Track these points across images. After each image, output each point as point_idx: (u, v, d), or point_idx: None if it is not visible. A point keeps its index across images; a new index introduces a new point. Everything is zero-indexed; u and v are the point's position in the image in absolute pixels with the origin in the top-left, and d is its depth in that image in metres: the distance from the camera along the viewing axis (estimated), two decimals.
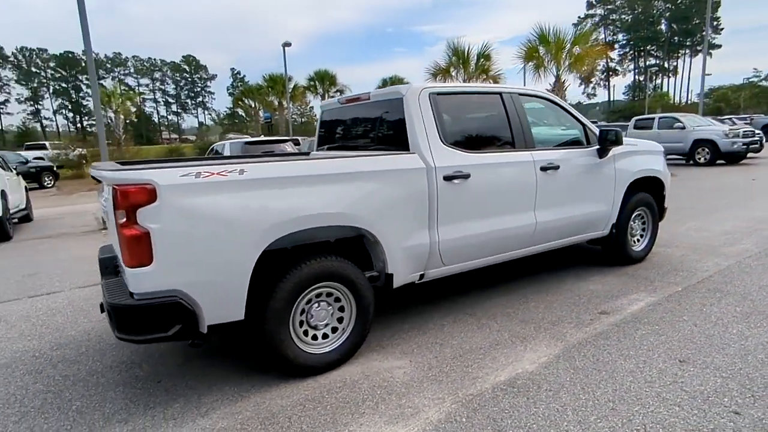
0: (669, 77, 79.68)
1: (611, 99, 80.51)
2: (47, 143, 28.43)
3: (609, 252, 4.69)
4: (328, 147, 4.33)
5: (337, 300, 2.95)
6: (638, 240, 4.83)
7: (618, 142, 4.12)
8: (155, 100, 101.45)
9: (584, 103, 77.98)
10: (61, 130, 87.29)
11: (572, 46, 14.20)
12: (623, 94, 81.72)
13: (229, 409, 2.57)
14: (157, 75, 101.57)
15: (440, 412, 2.44)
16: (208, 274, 2.46)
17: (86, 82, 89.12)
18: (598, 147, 4.18)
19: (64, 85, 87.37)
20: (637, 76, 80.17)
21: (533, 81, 14.83)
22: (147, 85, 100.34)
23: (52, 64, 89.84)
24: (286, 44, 27.93)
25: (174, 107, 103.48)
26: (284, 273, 2.71)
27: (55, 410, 2.66)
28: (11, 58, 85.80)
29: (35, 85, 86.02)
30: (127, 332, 2.41)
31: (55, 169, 19.80)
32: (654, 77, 79.14)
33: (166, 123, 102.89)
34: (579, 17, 76.77)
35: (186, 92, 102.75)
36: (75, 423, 2.52)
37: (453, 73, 17.45)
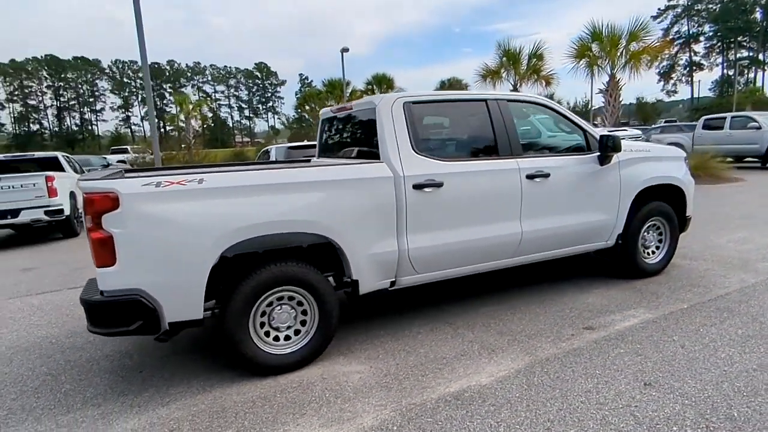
0: (765, 70, 72.22)
1: (695, 96, 74.34)
2: (129, 147, 31.16)
3: (617, 264, 4.43)
4: (324, 154, 4.47)
5: (300, 304, 3.07)
6: (653, 252, 4.52)
7: (615, 148, 3.89)
8: (230, 106, 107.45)
9: (665, 100, 72.66)
10: (147, 135, 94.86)
11: (628, 42, 13.34)
12: (710, 90, 75.13)
13: (189, 401, 2.77)
14: (232, 82, 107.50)
15: (376, 419, 2.48)
16: (167, 275, 2.67)
17: (169, 90, 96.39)
18: (598, 154, 3.98)
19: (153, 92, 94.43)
20: (725, 71, 73.42)
21: (586, 80, 14.08)
22: (222, 92, 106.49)
23: (140, 75, 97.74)
24: (344, 50, 28.61)
25: (246, 112, 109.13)
26: (244, 276, 2.87)
27: (48, 391, 3.00)
28: (107, 70, 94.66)
29: (126, 94, 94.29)
30: (97, 325, 2.68)
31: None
32: (746, 71, 72.00)
33: (240, 127, 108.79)
34: (659, 9, 71.82)
35: (258, 97, 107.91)
36: (58, 404, 2.83)
37: (503, 75, 17.03)
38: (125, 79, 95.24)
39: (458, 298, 4.21)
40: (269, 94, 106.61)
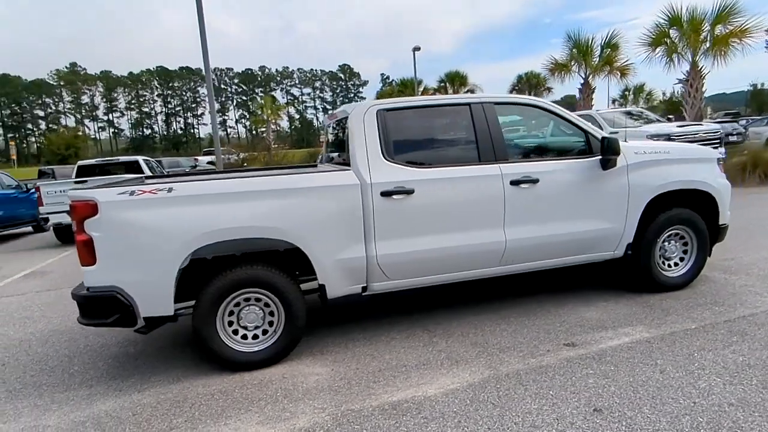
0: None
1: None
2: (221, 149, 33.75)
3: (629, 276, 4.07)
4: (327, 160, 4.61)
5: (267, 305, 3.23)
6: (676, 264, 4.09)
7: (612, 151, 3.58)
8: (315, 107, 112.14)
9: None
10: (241, 137, 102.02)
11: (713, 26, 11.83)
12: None
13: (162, 389, 3.05)
14: (317, 84, 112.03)
15: (309, 421, 2.56)
16: (140, 275, 2.96)
17: (261, 94, 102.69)
18: (600, 157, 3.70)
19: (244, 98, 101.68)
20: None
21: (665, 70, 12.80)
22: (309, 94, 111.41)
23: (236, 81, 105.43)
24: (416, 48, 28.68)
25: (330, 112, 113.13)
26: (210, 278, 3.10)
27: (60, 371, 3.45)
28: None
29: (223, 99, 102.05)
30: (84, 317, 3.04)
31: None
32: None
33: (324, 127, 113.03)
34: None
35: (341, 98, 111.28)
36: (62, 382, 3.26)
37: (574, 68, 15.98)
38: (222, 86, 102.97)
39: (447, 305, 4.14)
40: (352, 95, 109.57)
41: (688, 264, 4.09)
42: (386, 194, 3.27)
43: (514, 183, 3.51)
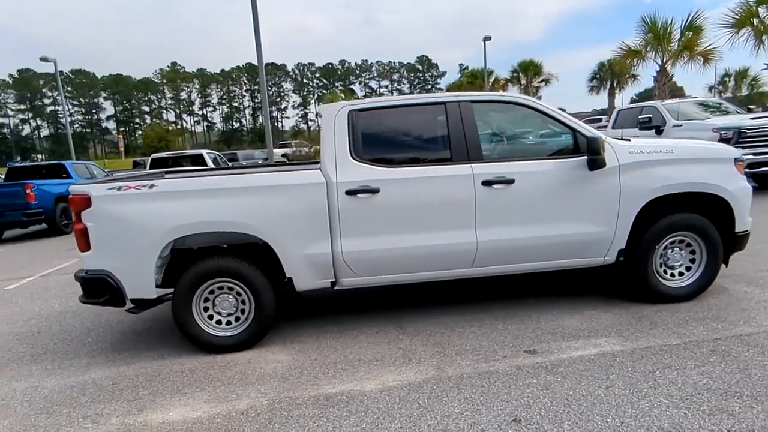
0: None
1: None
2: (293, 142, 35.41)
3: (624, 284, 3.80)
4: None
5: (239, 294, 3.47)
6: (681, 274, 3.75)
7: (591, 151, 3.35)
8: None
9: None
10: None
11: None
12: None
13: (145, 364, 3.41)
14: (395, 76, 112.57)
15: (248, 405, 2.76)
16: (125, 261, 3.32)
17: (341, 87, 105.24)
18: (587, 157, 3.49)
19: (324, 91, 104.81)
20: None
21: (754, 53, 11.31)
22: (386, 86, 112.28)
23: (317, 75, 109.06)
24: (486, 38, 27.90)
25: None
26: (185, 267, 3.40)
27: (76, 342, 3.97)
28: (291, 73, 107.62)
29: (305, 93, 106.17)
30: (83, 296, 3.48)
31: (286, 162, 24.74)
32: None
33: None
34: None
35: (418, 90, 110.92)
36: (69, 352, 3.76)
37: (649, 54, 14.63)
38: (304, 80, 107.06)
39: (428, 303, 4.14)
40: (429, 86, 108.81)
41: (696, 274, 3.73)
42: (351, 193, 3.36)
43: (487, 183, 3.43)
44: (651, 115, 9.54)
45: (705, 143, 3.90)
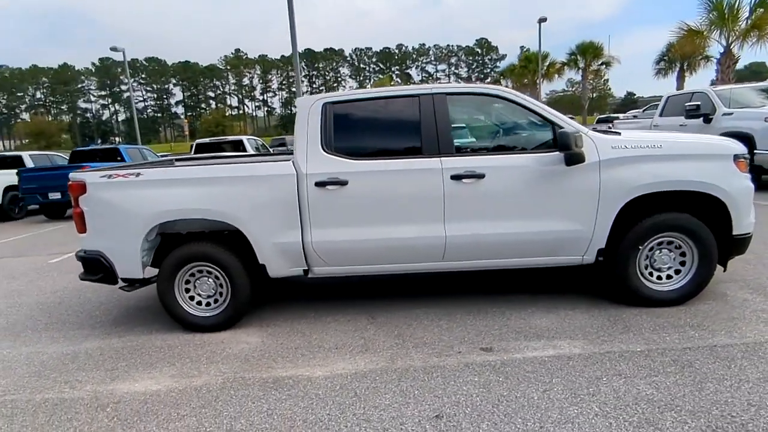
0: None
1: None
2: None
3: (606, 286, 3.64)
4: None
5: (217, 278, 3.68)
6: (669, 277, 3.53)
7: (563, 146, 3.20)
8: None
9: None
10: None
11: None
12: None
13: (132, 338, 3.71)
14: (453, 60, 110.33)
15: (205, 382, 2.95)
16: (114, 243, 3.61)
17: (397, 72, 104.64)
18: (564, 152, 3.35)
19: (381, 76, 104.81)
20: None
21: None
22: (443, 70, 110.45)
23: (374, 60, 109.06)
24: (542, 20, 26.71)
25: None
26: (168, 251, 3.64)
27: (86, 314, 4.37)
28: (348, 58, 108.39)
29: (361, 78, 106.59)
30: (83, 274, 3.83)
31: None
32: None
33: None
34: None
35: (476, 74, 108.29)
36: (80, 322, 4.15)
37: (714, 35, 13.38)
38: (361, 65, 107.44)
39: (409, 295, 4.16)
40: (488, 70, 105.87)
41: (685, 278, 3.50)
42: (320, 184, 3.44)
43: (456, 178, 3.39)
44: (699, 103, 8.81)
45: (703, 138, 3.61)
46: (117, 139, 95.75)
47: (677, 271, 3.53)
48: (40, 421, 2.64)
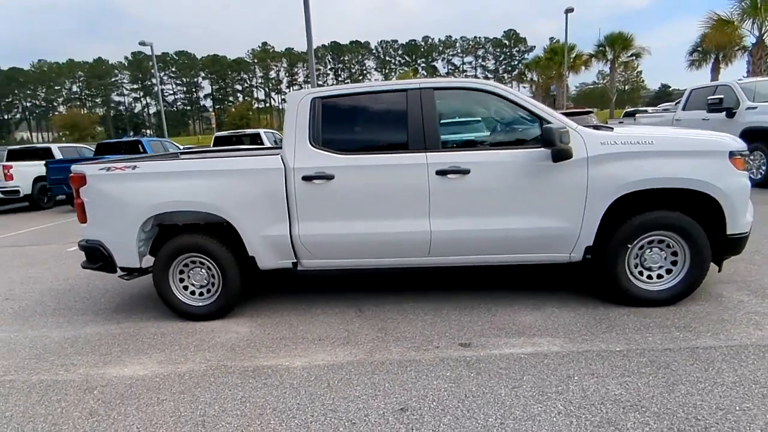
0: None
1: None
2: None
3: (595, 284, 3.58)
4: None
5: (210, 269, 3.79)
6: (660, 276, 3.45)
7: (546, 142, 3.16)
8: (476, 77, 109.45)
9: None
10: None
11: None
12: None
13: (130, 324, 3.86)
14: (480, 52, 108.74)
15: (189, 369, 3.06)
16: (112, 233, 3.76)
17: (423, 64, 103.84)
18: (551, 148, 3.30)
19: (406, 68, 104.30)
20: None
21: None
22: (470, 63, 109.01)
23: (399, 52, 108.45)
24: (569, 10, 26.02)
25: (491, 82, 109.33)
26: (163, 242, 3.77)
27: (91, 301, 4.57)
28: (374, 51, 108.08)
29: (387, 71, 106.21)
30: (85, 262, 4.00)
31: None
32: None
33: None
34: None
35: (504, 66, 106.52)
36: (85, 308, 4.33)
37: (745, 24, 12.76)
38: (387, 58, 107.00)
39: (401, 288, 4.19)
40: (516, 62, 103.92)
41: (677, 278, 3.41)
42: (307, 179, 3.50)
43: (441, 173, 3.39)
44: (722, 96, 8.48)
45: (698, 134, 3.49)
46: (148, 131, 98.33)
47: (668, 271, 3.45)
48: (32, 401, 2.79)
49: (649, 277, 3.46)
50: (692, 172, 3.23)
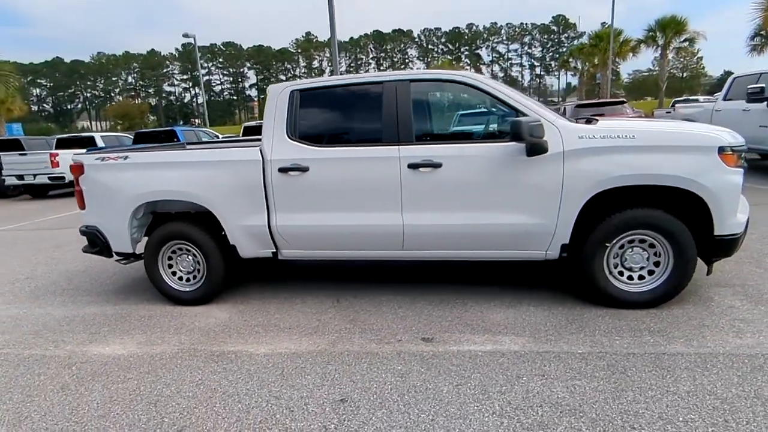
0: None
1: None
2: None
3: (574, 284, 3.46)
4: None
5: (195, 256, 3.94)
6: (642, 277, 3.30)
7: (513, 135, 3.05)
8: (521, 64, 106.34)
9: None
10: None
11: None
12: None
13: (123, 306, 4.08)
14: (526, 39, 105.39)
15: (162, 350, 3.22)
16: (107, 220, 3.98)
17: (466, 52, 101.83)
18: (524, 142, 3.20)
19: (449, 57, 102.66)
20: None
21: None
22: (515, 50, 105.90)
23: (443, 40, 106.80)
24: None
25: (538, 70, 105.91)
26: (152, 230, 3.95)
27: (98, 282, 4.85)
28: (416, 39, 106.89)
29: (429, 60, 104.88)
30: (86, 247, 4.25)
31: None
32: None
33: (536, 86, 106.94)
34: None
35: (551, 53, 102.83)
36: (90, 289, 4.62)
37: None
38: (429, 46, 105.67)
39: (385, 281, 4.20)
40: (563, 49, 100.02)
41: (659, 279, 3.25)
42: (283, 170, 3.56)
43: (413, 166, 3.36)
44: (764, 85, 7.88)
45: (685, 127, 3.27)
46: (196, 120, 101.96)
47: (651, 272, 3.29)
48: (18, 373, 3.03)
49: (630, 277, 3.32)
50: (675, 168, 3.04)
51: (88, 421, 2.44)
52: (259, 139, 3.71)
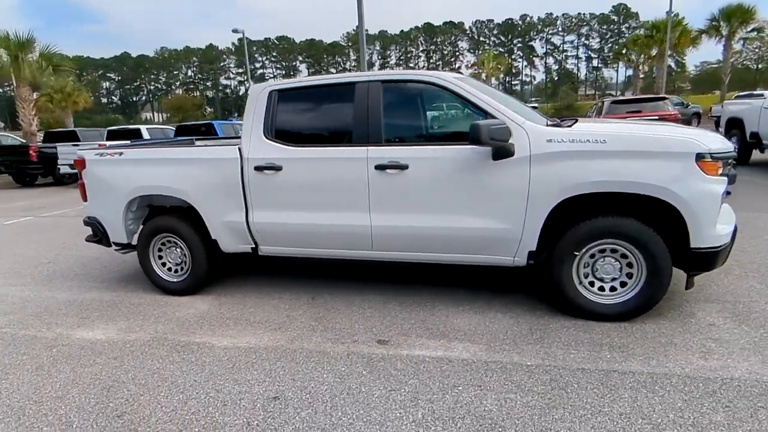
0: None
1: None
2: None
3: (544, 292, 3.33)
4: None
5: (182, 249, 4.13)
6: (613, 289, 3.13)
7: (474, 139, 2.95)
8: (577, 57, 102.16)
9: None
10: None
11: None
12: None
13: (119, 293, 4.35)
14: (584, 30, 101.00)
15: (136, 338, 3.41)
16: (104, 212, 4.23)
17: (519, 45, 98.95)
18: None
19: (501, 49, 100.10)
20: None
21: None
22: (571, 42, 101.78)
23: (495, 32, 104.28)
24: None
25: (595, 62, 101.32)
26: (143, 223, 4.17)
27: (104, 269, 5.18)
28: (467, 32, 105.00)
29: (479, 52, 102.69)
30: (89, 236, 4.55)
31: None
32: None
33: (594, 79, 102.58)
34: None
35: (610, 45, 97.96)
36: (95, 275, 4.94)
37: None
38: (481, 38, 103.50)
39: (366, 280, 4.21)
40: (623, 40, 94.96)
41: (631, 292, 3.07)
42: (259, 169, 3.65)
43: (380, 168, 3.35)
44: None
45: (661, 132, 3.04)
46: (236, 114, 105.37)
47: (623, 284, 3.11)
48: (6, 351, 3.30)
49: (601, 288, 3.16)
50: (646, 175, 2.86)
51: (45, 402, 2.63)
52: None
